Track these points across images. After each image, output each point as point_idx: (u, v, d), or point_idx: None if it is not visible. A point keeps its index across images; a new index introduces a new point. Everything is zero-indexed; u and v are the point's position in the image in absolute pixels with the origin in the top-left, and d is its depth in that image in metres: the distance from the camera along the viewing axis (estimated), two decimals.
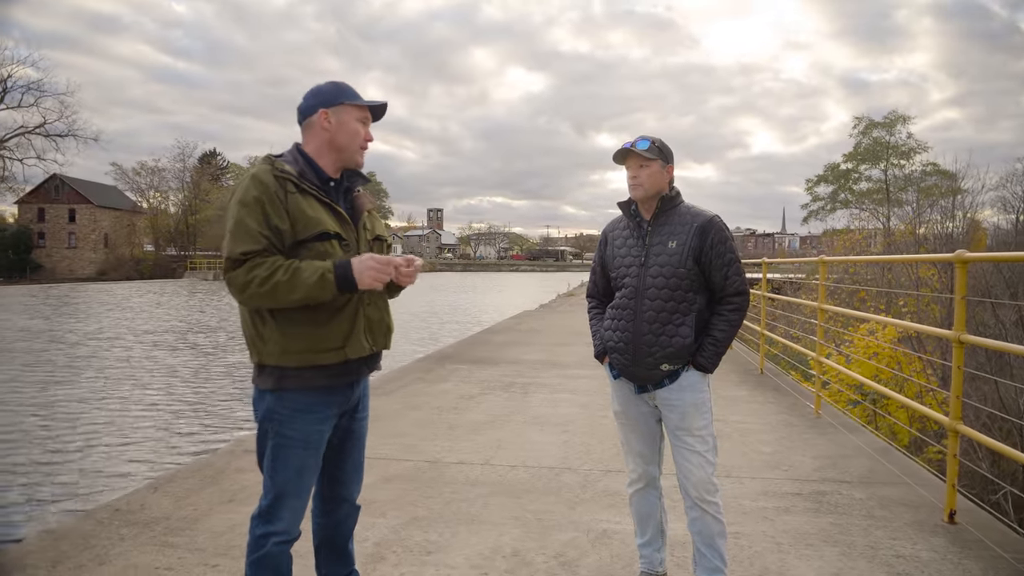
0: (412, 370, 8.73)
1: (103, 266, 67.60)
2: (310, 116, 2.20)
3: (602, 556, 3.21)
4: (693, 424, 2.65)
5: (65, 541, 3.30)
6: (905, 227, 23.05)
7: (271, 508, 2.17)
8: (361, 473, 2.47)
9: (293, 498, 2.18)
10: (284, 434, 2.15)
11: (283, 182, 2.08)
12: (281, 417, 2.15)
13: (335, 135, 2.19)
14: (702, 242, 2.61)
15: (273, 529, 2.17)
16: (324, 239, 2.11)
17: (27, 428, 10.13)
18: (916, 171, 34.81)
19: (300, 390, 2.14)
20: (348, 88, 2.23)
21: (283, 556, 2.21)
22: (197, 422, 10.80)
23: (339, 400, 2.24)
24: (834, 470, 4.55)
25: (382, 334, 2.31)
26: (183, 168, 78.54)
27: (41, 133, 65.36)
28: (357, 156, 2.25)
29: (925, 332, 4.31)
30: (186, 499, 3.88)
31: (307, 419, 2.16)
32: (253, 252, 2.02)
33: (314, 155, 2.20)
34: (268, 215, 2.04)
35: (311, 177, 2.16)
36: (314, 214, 2.10)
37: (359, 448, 2.42)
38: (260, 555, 2.17)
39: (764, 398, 6.98)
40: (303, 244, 2.09)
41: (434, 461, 4.68)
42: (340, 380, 2.20)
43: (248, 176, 2.10)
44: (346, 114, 2.20)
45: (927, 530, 3.55)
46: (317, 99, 2.20)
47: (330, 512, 2.42)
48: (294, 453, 2.16)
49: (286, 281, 2.00)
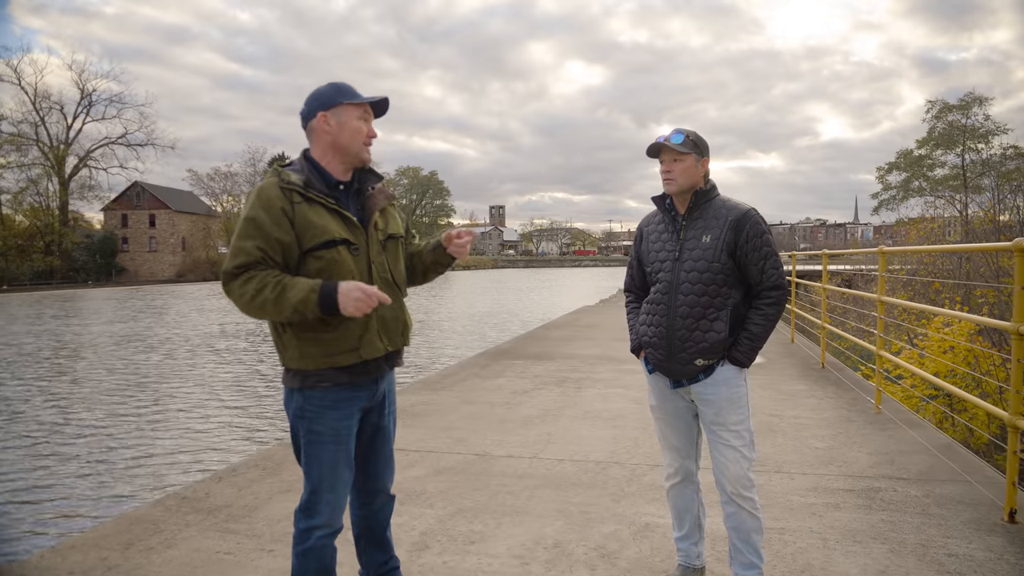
0: (469, 365, 8.87)
1: (181, 268, 70.84)
2: (311, 120, 2.23)
3: (642, 549, 3.24)
4: (729, 419, 2.65)
5: (138, 525, 3.54)
6: (984, 214, 21.94)
7: (310, 502, 2.27)
8: (392, 465, 2.56)
9: (328, 491, 2.26)
10: (314, 431, 2.23)
11: (289, 193, 2.13)
12: (310, 415, 2.23)
13: (337, 136, 2.21)
14: (737, 236, 2.60)
15: (314, 523, 2.26)
16: (331, 246, 2.15)
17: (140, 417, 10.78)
18: (996, 155, 32.99)
19: (325, 388, 2.22)
20: (346, 87, 2.24)
21: (326, 549, 2.30)
22: (265, 417, 11.26)
23: (365, 395, 2.31)
24: (891, 467, 4.44)
25: (398, 332, 2.36)
26: (254, 172, 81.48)
27: (123, 143, 69.28)
28: (363, 153, 2.25)
29: (984, 324, 4.15)
30: (247, 488, 4.09)
31: (334, 415, 2.24)
32: (246, 265, 2.08)
33: (320, 159, 2.24)
34: (268, 230, 2.09)
35: (318, 184, 2.19)
36: (320, 222, 2.15)
37: (388, 442, 2.50)
38: (305, 548, 2.28)
39: (823, 393, 6.81)
40: (311, 252, 2.14)
41: (483, 454, 4.78)
42: (361, 378, 2.27)
43: (255, 191, 2.17)
44: (345, 114, 2.21)
45: (984, 529, 3.43)
46: (315, 102, 2.23)
47: (367, 504, 2.52)
48: (325, 448, 2.24)
49: (273, 299, 2.06)
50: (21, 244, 59.06)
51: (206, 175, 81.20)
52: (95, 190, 69.44)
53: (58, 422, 10.96)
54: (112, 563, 3.10)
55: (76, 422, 10.93)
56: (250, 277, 2.08)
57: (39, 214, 62.86)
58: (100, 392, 13.31)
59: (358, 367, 2.24)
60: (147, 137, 70.47)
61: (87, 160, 68.05)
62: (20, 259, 57.74)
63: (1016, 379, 3.52)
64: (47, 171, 64.57)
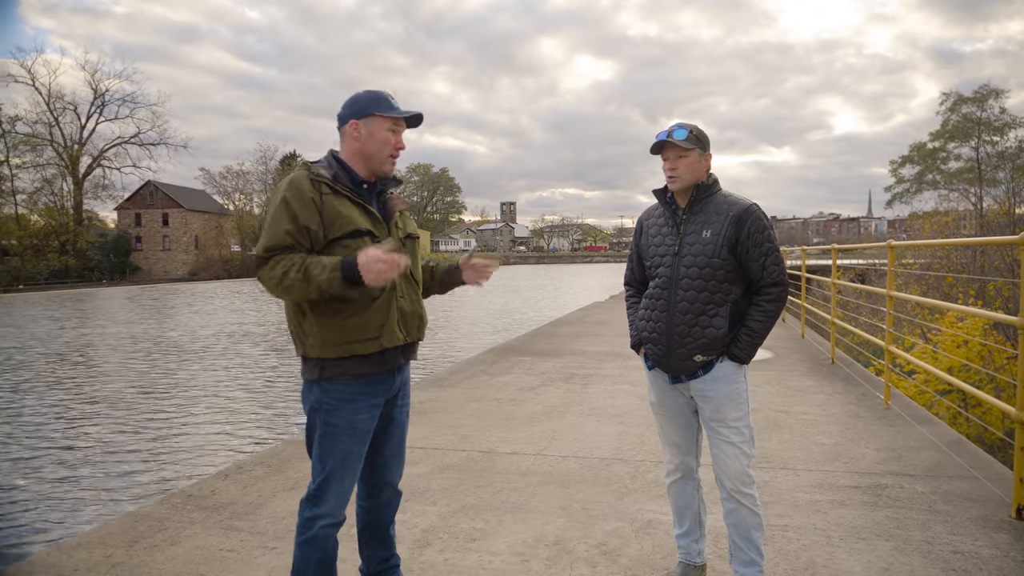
0: (477, 362, 8.88)
1: (194, 267, 71.34)
2: (343, 125, 2.35)
3: (644, 546, 3.23)
4: (728, 415, 2.63)
5: (143, 523, 3.57)
6: (999, 207, 21.71)
7: (318, 492, 2.31)
8: (402, 459, 2.59)
9: (338, 483, 2.31)
10: (331, 423, 2.28)
11: (318, 185, 2.24)
12: (327, 407, 2.28)
13: (365, 144, 2.32)
14: (738, 232, 2.57)
15: (319, 512, 2.30)
16: (357, 236, 2.25)
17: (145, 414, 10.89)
18: (1011, 147, 32.57)
19: (343, 380, 2.27)
20: (382, 98, 2.34)
21: (329, 540, 2.35)
22: (273, 415, 11.32)
23: (382, 389, 2.36)
24: (898, 463, 4.40)
25: (415, 325, 2.43)
26: (265, 171, 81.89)
27: (136, 142, 69.84)
28: (386, 165, 2.36)
29: (992, 319, 4.10)
30: (253, 486, 4.12)
31: (351, 408, 2.29)
32: (276, 248, 2.18)
33: (348, 160, 2.35)
34: (298, 216, 2.19)
35: (344, 180, 2.30)
36: (347, 213, 2.25)
37: (399, 435, 2.54)
38: (307, 537, 2.32)
39: (832, 388, 6.76)
40: (338, 241, 2.23)
41: (488, 451, 4.78)
42: (380, 368, 2.32)
43: (286, 181, 2.27)
44: (376, 124, 2.32)
45: (991, 526, 3.39)
46: (350, 110, 2.34)
47: (373, 496, 2.55)
48: (340, 440, 2.29)
49: (300, 279, 2.14)
50: (37, 244, 59.67)
51: (218, 174, 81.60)
52: (109, 189, 70.14)
53: (63, 420, 11.07)
54: (116, 560, 3.13)
55: (83, 420, 11.03)
56: (277, 261, 2.17)
57: (54, 214, 63.46)
58: (112, 390, 13.43)
59: (376, 357, 2.29)
60: (160, 136, 71.08)
61: (101, 160, 68.68)
62: (36, 259, 58.33)
63: (1023, 373, 3.48)
64: (61, 171, 65.21)
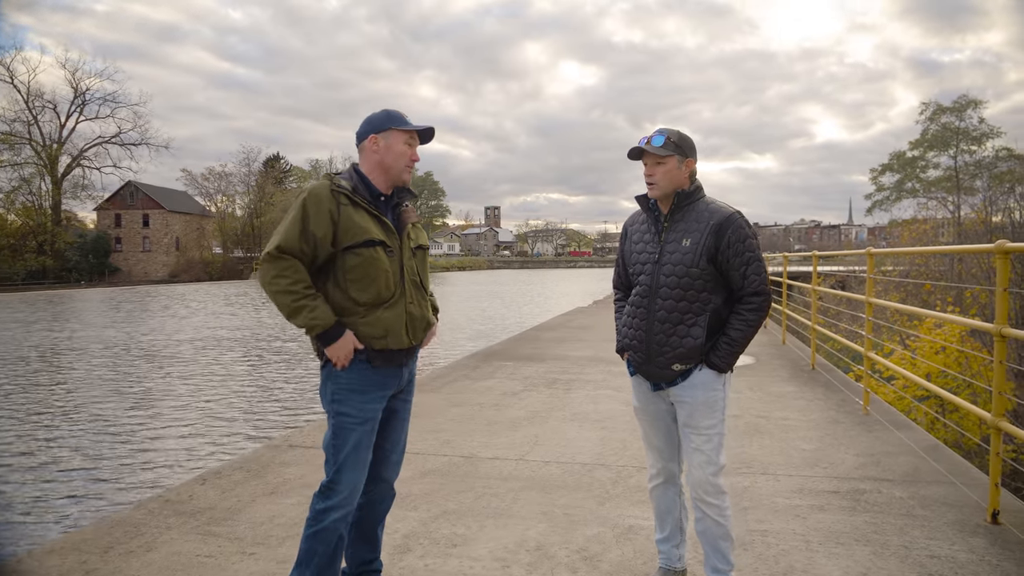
0: (459, 367, 8.86)
1: (175, 268, 70.63)
2: (363, 140, 2.55)
3: (625, 551, 3.24)
4: (700, 422, 2.63)
5: (118, 528, 3.52)
6: (977, 215, 22.05)
7: (332, 482, 2.44)
8: (400, 455, 2.71)
9: (351, 471, 2.45)
10: (342, 412, 2.45)
11: (337, 195, 2.43)
12: (339, 397, 2.46)
13: (383, 156, 2.53)
14: (718, 241, 2.55)
15: (331, 504, 2.43)
16: (370, 245, 2.43)
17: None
18: (988, 157, 33.05)
19: (355, 373, 2.45)
20: (396, 115, 2.56)
21: (337, 532, 2.45)
22: (254, 420, 11.22)
23: (392, 381, 2.55)
24: (876, 468, 4.44)
25: (421, 329, 2.61)
26: (248, 172, 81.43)
27: (117, 142, 69.14)
28: (404, 175, 2.57)
29: (968, 326, 4.15)
30: (231, 491, 4.07)
31: (361, 398, 2.46)
32: (284, 249, 2.35)
33: (368, 174, 2.55)
34: (309, 223, 2.37)
35: (363, 192, 2.50)
36: (362, 223, 2.43)
37: (400, 428, 2.67)
38: (317, 529, 2.43)
39: (812, 394, 6.82)
40: (351, 249, 2.41)
41: (469, 456, 4.77)
42: (386, 364, 2.50)
43: (308, 190, 2.46)
44: (393, 138, 2.53)
45: (967, 530, 3.43)
46: (369, 126, 2.55)
47: (367, 491, 2.61)
48: (352, 431, 2.45)
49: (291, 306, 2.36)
50: (13, 244, 58.83)
51: (200, 175, 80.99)
52: (88, 189, 69.33)
53: (41, 424, 10.90)
54: (91, 567, 3.08)
55: (59, 425, 10.87)
56: (286, 270, 2.35)
57: (32, 213, 62.63)
58: (86, 395, 13.25)
59: (384, 354, 2.48)
60: (141, 136, 70.42)
61: (80, 159, 67.87)
62: (12, 259, 57.53)
63: (998, 380, 3.53)
64: (40, 170, 64.38)
